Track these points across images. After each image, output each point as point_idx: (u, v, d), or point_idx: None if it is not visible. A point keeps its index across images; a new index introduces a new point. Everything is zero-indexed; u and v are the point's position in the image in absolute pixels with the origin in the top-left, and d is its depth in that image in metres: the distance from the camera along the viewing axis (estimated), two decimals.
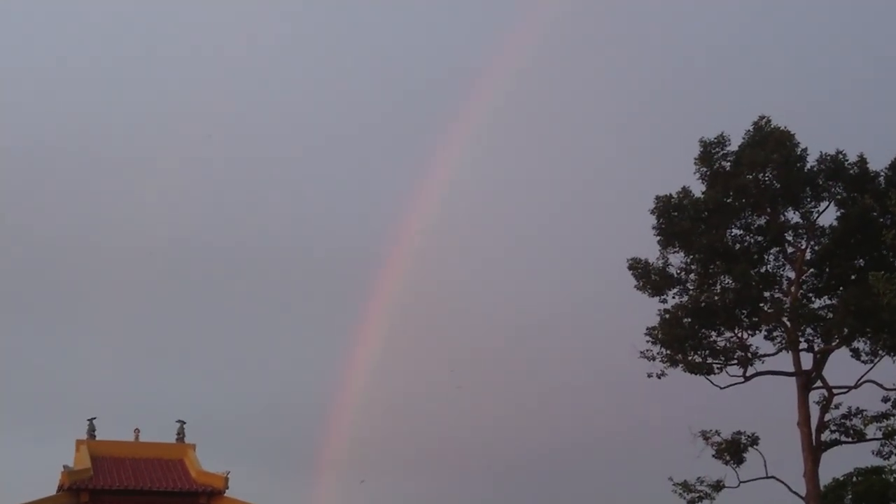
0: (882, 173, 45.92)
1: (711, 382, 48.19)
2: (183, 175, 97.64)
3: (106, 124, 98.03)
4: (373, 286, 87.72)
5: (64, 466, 41.06)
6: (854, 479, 57.60)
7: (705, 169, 47.82)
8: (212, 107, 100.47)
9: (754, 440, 47.85)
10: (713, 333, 48.03)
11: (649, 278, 48.19)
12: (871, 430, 46.44)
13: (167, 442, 46.62)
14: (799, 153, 46.42)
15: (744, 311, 47.57)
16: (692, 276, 48.17)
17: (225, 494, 42.54)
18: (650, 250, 48.67)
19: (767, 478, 47.36)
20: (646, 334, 48.01)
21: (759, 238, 48.19)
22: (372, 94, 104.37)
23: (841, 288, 46.53)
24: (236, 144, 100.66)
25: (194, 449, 46.19)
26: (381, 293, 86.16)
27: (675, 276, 48.33)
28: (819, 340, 47.26)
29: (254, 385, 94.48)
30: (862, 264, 45.85)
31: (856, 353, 46.73)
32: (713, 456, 47.88)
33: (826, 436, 47.17)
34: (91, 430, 45.58)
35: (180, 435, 46.93)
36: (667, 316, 47.81)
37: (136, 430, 46.60)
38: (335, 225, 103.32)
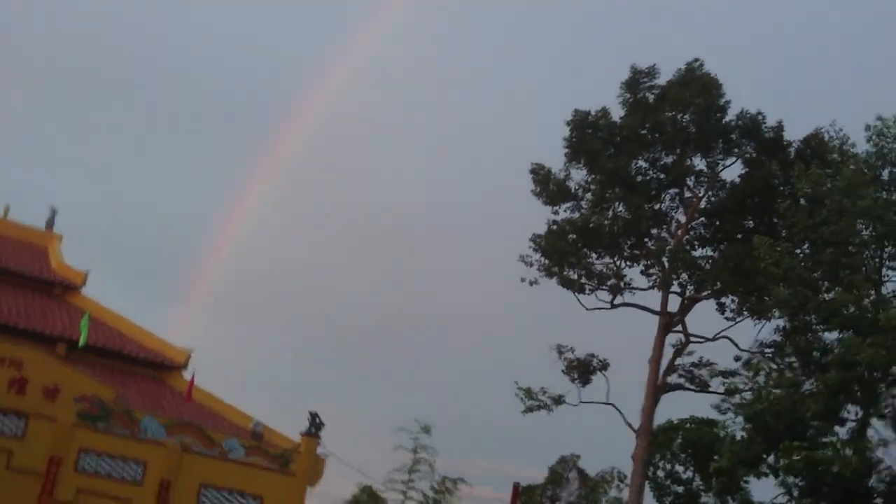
0: (795, 144, 46.48)
1: (579, 301, 49.01)
2: None
3: None
4: (273, 133, 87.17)
5: None
6: (688, 425, 59.40)
7: (629, 95, 48.00)
8: None
9: (604, 365, 48.59)
10: (594, 255, 48.72)
11: (547, 186, 48.46)
12: (716, 384, 47.33)
13: (35, 227, 45.49)
14: (721, 104, 46.90)
15: (628, 242, 48.35)
16: (589, 195, 48.59)
17: (81, 292, 41.94)
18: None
19: (606, 404, 48.26)
20: (530, 240, 48.43)
21: (662, 176, 48.75)
22: None
23: (725, 243, 47.34)
24: None
25: (60, 241, 45.15)
26: (278, 144, 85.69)
27: (573, 191, 48.69)
28: (691, 287, 48.27)
29: (133, 199, 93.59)
30: (751, 226, 46.58)
31: (721, 308, 47.76)
32: (562, 371, 48.58)
33: (672, 378, 48.27)
34: None
35: (50, 223, 45.79)
36: (554, 227, 48.29)
37: (7, 206, 45.32)
38: (245, 63, 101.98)
